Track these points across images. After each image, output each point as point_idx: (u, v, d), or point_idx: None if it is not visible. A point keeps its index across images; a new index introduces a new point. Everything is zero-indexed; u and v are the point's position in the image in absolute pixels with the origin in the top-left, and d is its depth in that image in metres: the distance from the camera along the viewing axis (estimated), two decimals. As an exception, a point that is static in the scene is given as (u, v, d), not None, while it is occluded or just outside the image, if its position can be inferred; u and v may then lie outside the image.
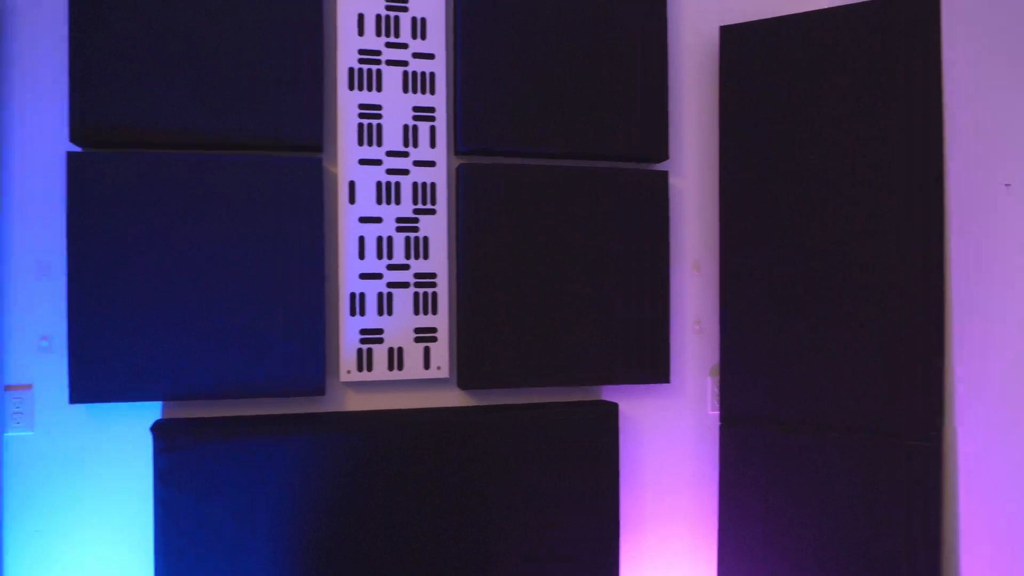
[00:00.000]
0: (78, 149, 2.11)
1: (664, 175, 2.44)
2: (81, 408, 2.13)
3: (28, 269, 2.13)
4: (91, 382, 2.05)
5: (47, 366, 2.12)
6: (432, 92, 2.29)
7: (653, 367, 2.42)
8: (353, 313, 2.22)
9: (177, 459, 2.06)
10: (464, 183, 2.28)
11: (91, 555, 2.13)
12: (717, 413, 2.54)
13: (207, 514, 2.06)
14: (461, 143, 2.30)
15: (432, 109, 2.29)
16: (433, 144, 2.28)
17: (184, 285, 2.09)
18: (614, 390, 2.46)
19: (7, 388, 2.10)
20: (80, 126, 2.07)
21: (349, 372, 2.22)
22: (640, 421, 2.50)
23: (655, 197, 2.43)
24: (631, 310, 2.39)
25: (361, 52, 2.25)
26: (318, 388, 2.16)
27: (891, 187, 2.21)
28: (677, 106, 2.55)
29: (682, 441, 2.54)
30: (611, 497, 2.36)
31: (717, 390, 2.54)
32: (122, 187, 2.08)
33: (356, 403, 2.27)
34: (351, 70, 2.24)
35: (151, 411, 2.16)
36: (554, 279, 2.33)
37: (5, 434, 2.10)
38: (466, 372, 2.27)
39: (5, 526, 2.10)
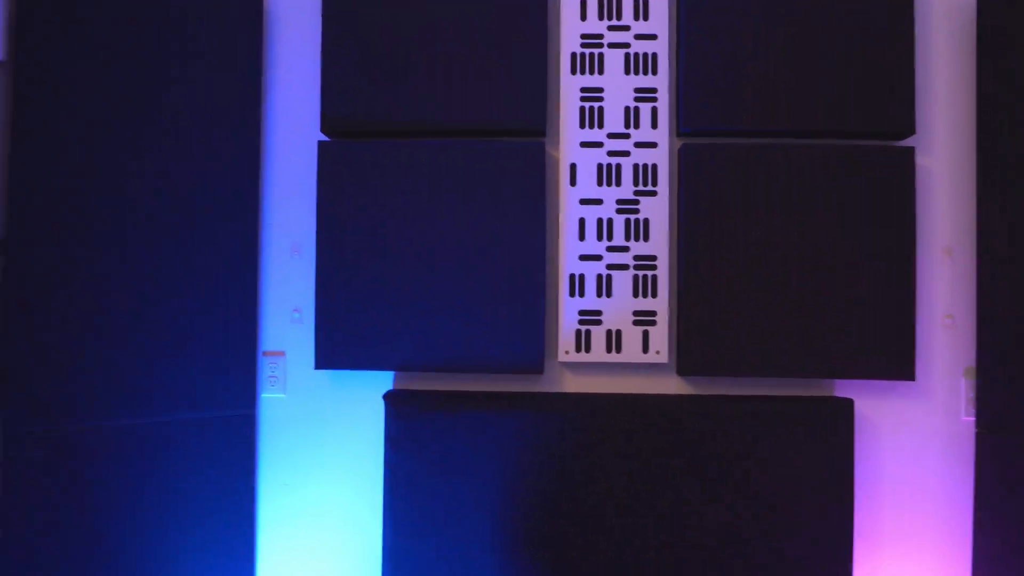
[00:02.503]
0: (328, 139, 2.30)
1: (910, 152, 2.22)
2: (324, 374, 2.31)
3: (284, 249, 2.35)
4: (333, 351, 2.22)
5: (298, 336, 2.33)
6: (654, 73, 2.25)
7: (895, 362, 2.19)
8: (572, 294, 2.22)
9: (405, 426, 2.17)
10: (686, 164, 2.22)
11: (330, 509, 2.30)
12: (973, 419, 2.24)
13: (430, 478, 2.15)
14: (684, 123, 2.24)
15: (654, 90, 2.25)
16: (655, 125, 2.24)
17: (416, 264, 2.21)
18: (848, 386, 2.26)
19: (264, 354, 2.33)
20: (330, 118, 2.27)
21: (567, 352, 2.22)
22: (879, 422, 2.27)
23: (899, 176, 2.21)
24: (870, 299, 2.18)
25: (584, 36, 2.27)
26: (536, 367, 2.18)
27: None
28: (924, 76, 2.31)
29: (929, 449, 2.27)
30: (844, 505, 2.16)
31: (973, 393, 2.25)
32: (364, 173, 2.24)
33: (573, 384, 2.27)
34: (573, 55, 2.27)
35: (384, 381, 2.30)
36: (782, 263, 2.18)
37: (262, 395, 2.33)
38: (686, 358, 2.19)
39: (260, 479, 2.32)
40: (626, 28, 2.26)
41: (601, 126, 2.25)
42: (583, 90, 2.26)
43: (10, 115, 1.97)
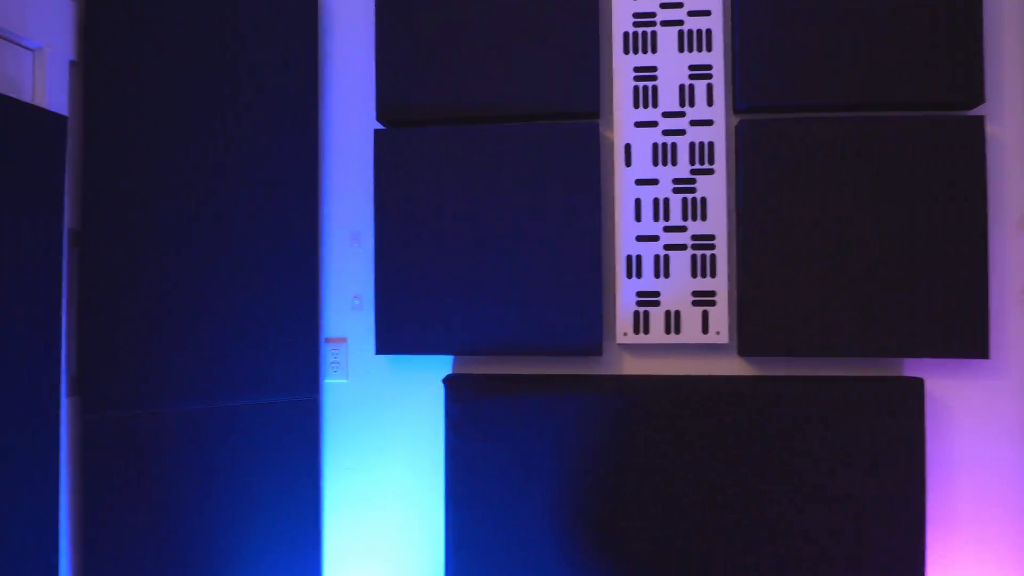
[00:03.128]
0: (383, 128, 2.34)
1: (979, 121, 2.14)
2: (384, 359, 2.35)
3: (343, 237, 2.40)
4: (393, 337, 2.25)
5: (358, 322, 2.37)
6: (709, 49, 2.22)
7: (968, 340, 2.11)
8: (630, 275, 2.21)
9: (465, 410, 2.19)
10: (744, 141, 2.18)
11: (392, 491, 2.34)
12: (1053, 399, 2.15)
13: (491, 460, 2.17)
14: (740, 99, 2.20)
15: (709, 67, 2.22)
16: (710, 102, 2.21)
17: (473, 249, 2.22)
18: (918, 365, 2.19)
19: (327, 340, 2.38)
20: (385, 107, 2.30)
21: (626, 334, 2.21)
22: (951, 403, 2.19)
23: (969, 147, 2.13)
24: (940, 274, 2.11)
25: (636, 16, 2.25)
26: (595, 349, 2.17)
27: None
28: (992, 42, 2.22)
29: (1007, 431, 2.18)
30: (916, 490, 2.09)
31: (1052, 371, 2.15)
32: (420, 160, 2.27)
33: (632, 366, 2.25)
34: (626, 34, 2.25)
35: (443, 365, 2.32)
36: (845, 240, 2.13)
37: (325, 380, 2.37)
38: (747, 338, 2.16)
39: (324, 462, 2.37)
40: (679, 5, 2.23)
41: (656, 105, 2.23)
42: (636, 69, 2.24)
43: (82, 114, 2.05)
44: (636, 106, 2.23)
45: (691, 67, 2.23)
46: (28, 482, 1.83)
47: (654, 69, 2.23)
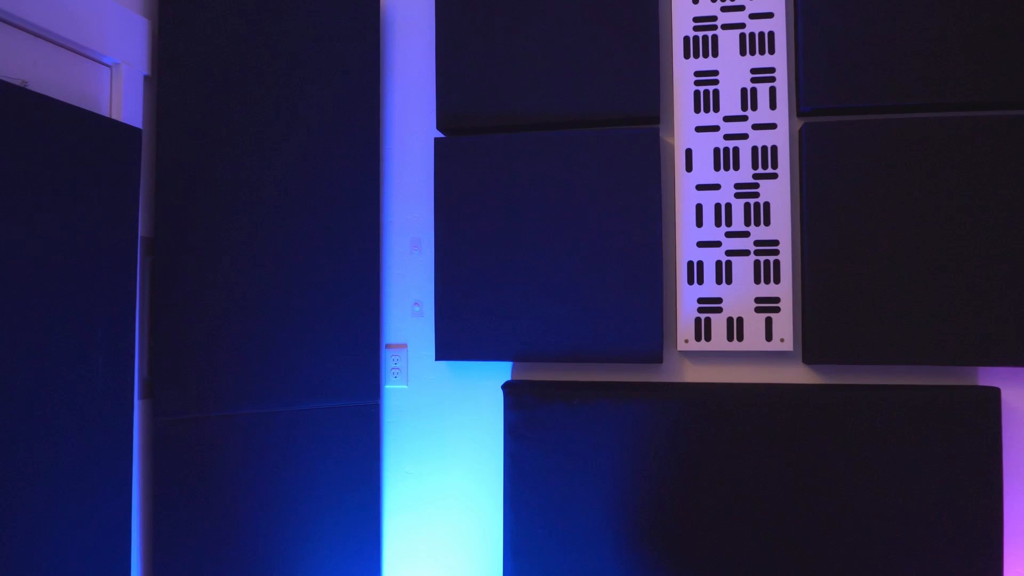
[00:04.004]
0: (443, 136, 2.36)
1: (1059, 121, 2.05)
2: (444, 365, 2.37)
3: (404, 245, 2.43)
4: (452, 343, 2.27)
5: (418, 328, 2.40)
6: (771, 52, 2.19)
7: (1048, 348, 2.03)
8: (691, 282, 2.18)
9: (524, 416, 2.19)
10: (809, 144, 2.14)
11: (451, 495, 2.35)
12: None
13: (550, 467, 2.16)
14: (804, 102, 2.16)
15: (771, 69, 2.19)
16: (773, 106, 2.18)
17: (533, 256, 2.23)
18: (993, 373, 2.11)
19: (388, 346, 2.41)
20: (445, 115, 2.33)
21: (687, 341, 2.18)
22: (1030, 413, 2.11)
23: (1047, 147, 2.05)
24: (1016, 279, 2.03)
25: (696, 20, 2.23)
26: (655, 356, 2.15)
27: None
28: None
29: (1089, 442, 2.09)
30: (992, 502, 2.01)
31: None
32: (479, 167, 2.29)
33: (693, 373, 2.23)
34: (686, 39, 2.23)
35: (502, 371, 2.33)
36: (914, 244, 2.07)
37: (386, 386, 2.40)
38: (813, 345, 2.11)
39: (385, 468, 2.40)
40: (740, 8, 2.21)
41: (717, 109, 2.20)
42: (697, 74, 2.22)
43: (155, 127, 2.12)
44: (697, 111, 2.21)
45: (753, 70, 2.20)
46: (102, 484, 1.90)
47: (715, 73, 2.21)
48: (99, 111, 2.00)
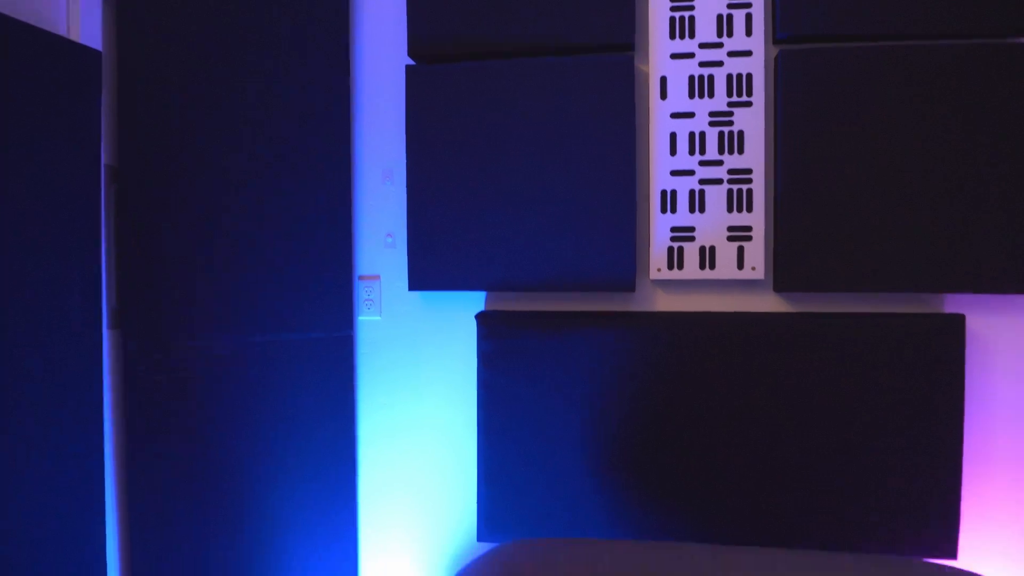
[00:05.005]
0: (414, 64, 2.31)
1: (1033, 48, 2.05)
2: (417, 296, 2.36)
3: (376, 175, 2.40)
4: (426, 273, 2.26)
5: (391, 260, 2.38)
6: (748, -23, 2.15)
7: (1011, 275, 2.06)
8: (664, 210, 2.18)
9: (497, 345, 2.20)
10: (785, 72, 2.12)
11: (426, 425, 2.37)
12: (1100, 337, 2.10)
13: (523, 395, 2.19)
14: (780, 29, 2.13)
15: (748, -5, 2.15)
16: (749, 32, 2.15)
17: (506, 186, 2.21)
18: (959, 300, 2.14)
19: (360, 278, 2.39)
20: (416, 42, 2.28)
21: (659, 270, 2.19)
22: (994, 341, 2.15)
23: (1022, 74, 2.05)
24: (984, 209, 2.05)
25: (673, -57, 2.18)
26: (628, 285, 2.16)
27: None
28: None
29: (1048, 367, 2.14)
30: (953, 426, 2.06)
31: (1100, 308, 2.09)
32: (451, 96, 2.25)
33: (666, 302, 2.24)
34: (663, -37, 2.18)
35: (476, 301, 2.33)
36: (888, 172, 2.08)
37: (359, 317, 2.40)
38: (783, 274, 2.13)
39: (359, 398, 2.41)
40: (718, -69, 2.16)
41: (692, 36, 2.17)
42: (673, -1, 2.18)
43: (115, 51, 2.05)
44: (672, 37, 2.18)
45: (730, -4, 2.16)
46: (72, 409, 1.88)
47: (691, -2, 2.17)
48: (56, 31, 1.93)
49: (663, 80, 2.18)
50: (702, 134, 2.17)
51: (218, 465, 2.18)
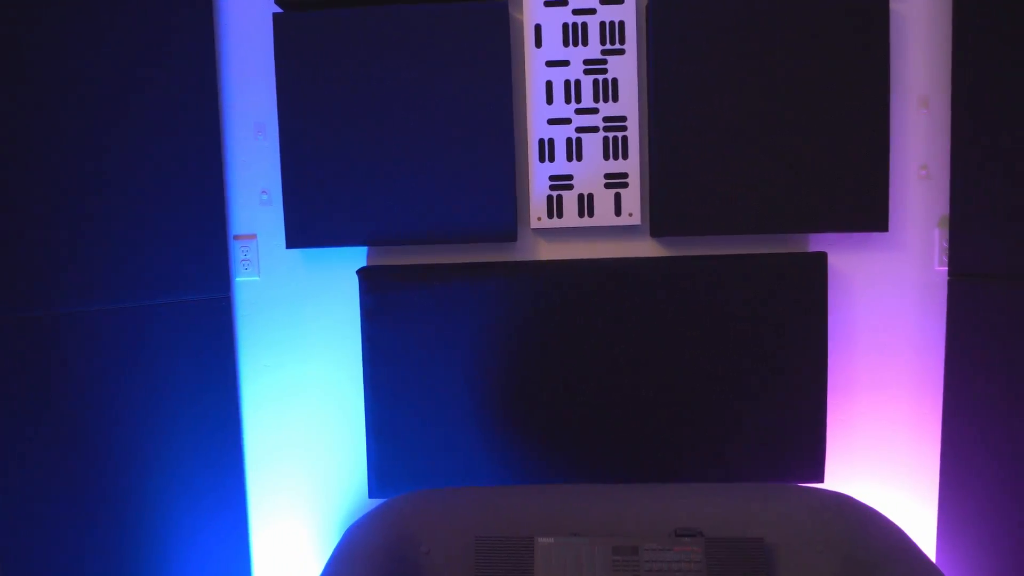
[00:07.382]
0: (281, 11, 2.22)
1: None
2: (296, 254, 2.30)
3: (247, 130, 2.30)
4: (304, 230, 2.20)
5: (268, 217, 2.31)
6: (618, -77, 2.16)
7: (868, 214, 2.18)
8: (543, 159, 2.19)
9: (380, 300, 2.18)
10: (656, 19, 2.15)
11: (312, 384, 2.33)
12: (946, 269, 2.25)
13: (408, 349, 2.18)
14: (650, -24, 2.15)
15: (619, -58, 2.16)
16: (620, -21, 2.16)
17: (383, 137, 2.16)
18: (822, 240, 2.26)
19: (236, 237, 2.31)
20: (284, -12, 2.18)
21: (540, 219, 2.20)
22: (853, 275, 2.28)
23: (871, 22, 2.15)
24: (843, 151, 2.16)
25: None
26: (509, 235, 2.17)
27: None
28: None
29: (903, 299, 2.29)
30: (818, 359, 2.18)
31: (947, 243, 2.24)
32: (322, 45, 2.17)
33: (547, 251, 2.26)
34: (534, -92, 2.16)
35: (357, 256, 2.29)
36: (756, 119, 2.15)
37: (236, 279, 2.32)
38: (659, 219, 2.18)
39: (240, 361, 2.34)
40: None
41: (565, -17, 2.16)
42: (545, -54, 2.16)
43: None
44: (545, -16, 2.17)
45: (600, -58, 2.16)
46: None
47: (563, -55, 2.16)
48: None
49: (538, 28, 2.18)
50: (577, 82, 2.18)
51: (88, 437, 2.08)
